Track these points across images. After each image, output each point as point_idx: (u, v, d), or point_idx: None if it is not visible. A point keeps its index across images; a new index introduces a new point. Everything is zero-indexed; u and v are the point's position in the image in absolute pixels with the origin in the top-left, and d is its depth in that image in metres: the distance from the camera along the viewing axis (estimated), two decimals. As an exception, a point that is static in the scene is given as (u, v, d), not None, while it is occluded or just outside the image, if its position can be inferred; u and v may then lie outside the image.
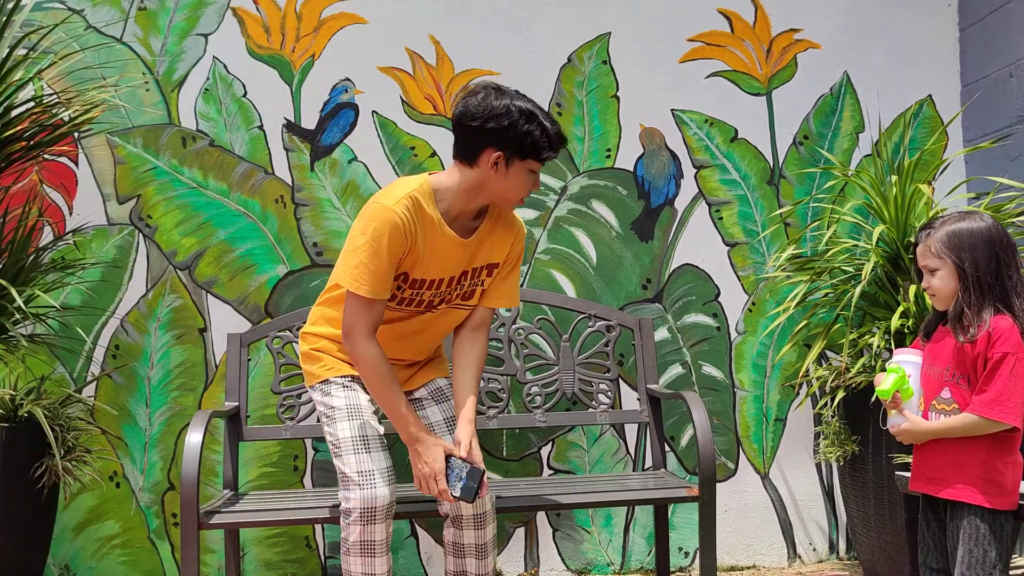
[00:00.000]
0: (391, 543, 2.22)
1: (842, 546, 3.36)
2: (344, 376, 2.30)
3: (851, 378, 2.88)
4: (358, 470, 2.15)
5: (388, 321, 2.25)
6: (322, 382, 2.30)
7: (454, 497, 2.11)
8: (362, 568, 2.15)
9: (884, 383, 2.08)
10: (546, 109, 2.36)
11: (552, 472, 3.24)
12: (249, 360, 3.02)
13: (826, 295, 3.15)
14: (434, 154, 3.25)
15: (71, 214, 3.11)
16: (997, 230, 2.04)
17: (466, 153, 2.13)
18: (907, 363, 2.11)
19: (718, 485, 3.26)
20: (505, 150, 2.09)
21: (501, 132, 2.08)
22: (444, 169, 3.24)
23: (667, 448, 3.25)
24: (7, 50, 2.75)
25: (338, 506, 2.25)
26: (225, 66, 3.18)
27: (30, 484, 2.63)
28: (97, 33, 3.14)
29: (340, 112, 3.23)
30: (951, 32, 3.55)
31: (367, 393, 2.29)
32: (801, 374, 3.27)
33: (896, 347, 2.84)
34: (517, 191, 2.16)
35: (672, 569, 3.22)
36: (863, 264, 2.96)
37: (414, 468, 2.16)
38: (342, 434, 2.20)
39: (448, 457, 2.14)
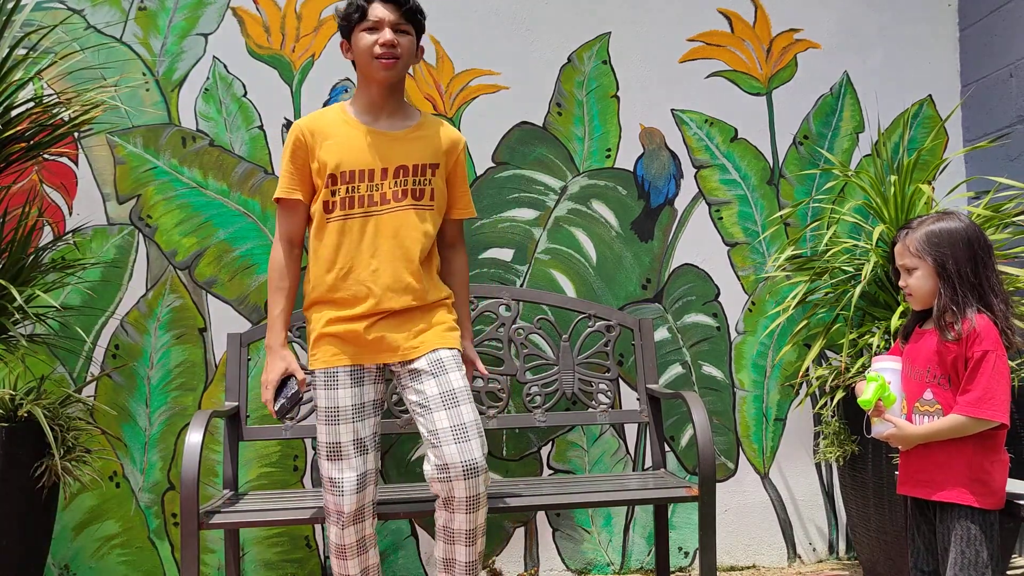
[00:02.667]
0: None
1: (842, 546, 3.36)
2: (327, 369, 2.32)
3: (851, 378, 2.88)
4: (328, 476, 2.27)
5: (349, 233, 2.33)
6: (311, 372, 2.37)
7: (273, 411, 2.29)
8: (337, 569, 2.32)
9: (865, 393, 2.09)
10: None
11: (552, 472, 3.24)
12: (249, 360, 3.02)
13: (826, 295, 3.15)
14: (434, 154, 3.25)
15: (71, 214, 3.11)
16: (975, 230, 2.07)
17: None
18: (886, 370, 2.12)
19: (718, 485, 3.26)
20: (346, 38, 2.40)
21: (340, 29, 2.41)
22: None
23: (667, 448, 3.25)
24: (7, 50, 2.75)
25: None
26: (225, 66, 3.18)
27: (30, 484, 2.63)
28: (97, 33, 3.14)
29: (340, 112, 3.23)
30: (951, 32, 3.55)
31: (352, 386, 2.32)
32: (801, 374, 3.27)
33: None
34: (366, 52, 2.33)
35: (672, 569, 3.22)
36: (863, 264, 2.96)
37: (263, 377, 2.36)
38: (320, 437, 2.30)
39: (289, 377, 2.33)
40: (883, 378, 2.09)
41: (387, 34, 2.30)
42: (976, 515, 1.98)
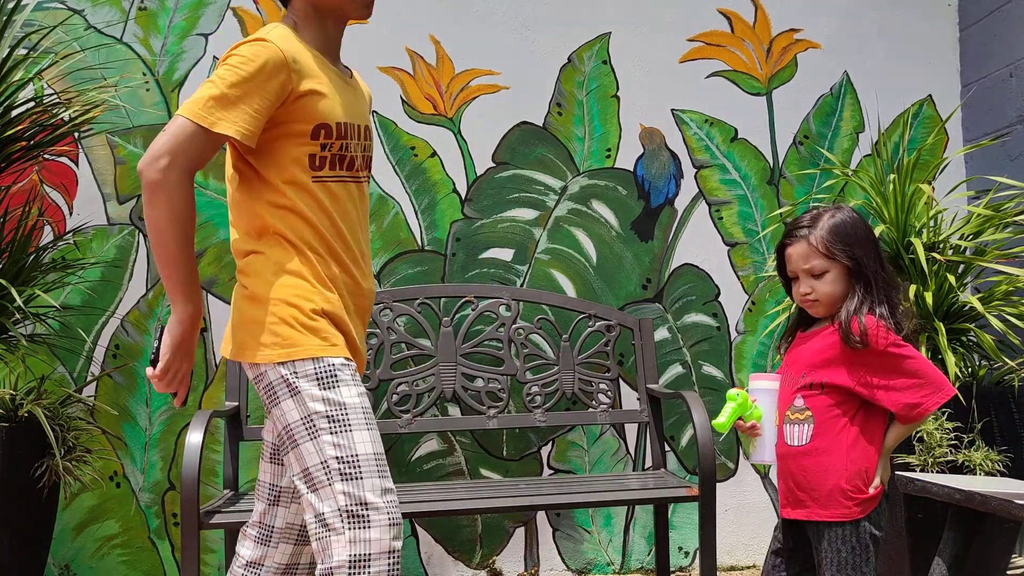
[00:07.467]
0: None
1: (842, 546, 3.36)
2: (349, 360, 1.69)
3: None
4: (385, 499, 1.61)
5: (342, 200, 1.75)
6: (315, 360, 1.64)
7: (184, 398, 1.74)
8: None
9: (720, 415, 1.85)
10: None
11: (552, 472, 3.24)
12: (249, 360, 3.02)
13: (826, 295, 3.15)
14: (434, 154, 3.25)
15: (71, 214, 3.11)
16: (866, 221, 1.90)
17: None
18: (760, 391, 1.90)
19: (718, 485, 3.26)
20: None
21: None
22: (444, 169, 3.25)
23: (667, 448, 3.25)
24: (8, 50, 2.75)
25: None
26: (225, 66, 3.18)
27: (30, 484, 2.63)
28: (97, 33, 3.14)
29: (340, 112, 3.23)
30: (951, 32, 3.55)
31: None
32: (801, 374, 3.27)
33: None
34: None
35: (672, 569, 3.22)
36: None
37: (174, 354, 1.66)
38: (362, 448, 1.62)
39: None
40: (744, 396, 1.86)
41: None
42: None
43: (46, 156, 3.05)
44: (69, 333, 3.04)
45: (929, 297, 2.75)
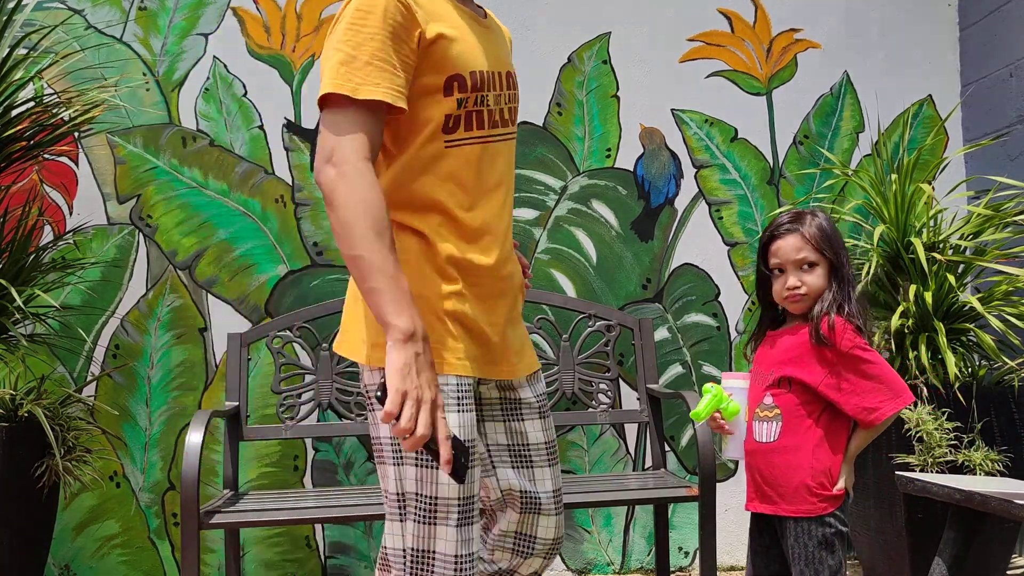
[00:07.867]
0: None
1: (842, 546, 3.36)
2: (462, 378, 1.45)
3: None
4: (458, 552, 1.41)
5: (477, 167, 1.50)
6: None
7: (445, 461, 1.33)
8: None
9: (699, 404, 1.90)
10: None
11: (552, 472, 3.24)
12: (249, 360, 3.02)
13: (826, 295, 3.15)
14: (434, 154, 3.25)
15: (71, 214, 3.11)
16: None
17: None
18: (732, 388, 1.96)
19: (718, 485, 3.26)
20: None
21: None
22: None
23: (667, 448, 3.26)
24: (8, 50, 2.75)
25: (339, 506, 2.22)
26: (225, 66, 3.18)
27: (30, 484, 2.63)
28: (97, 33, 3.15)
29: (340, 112, 3.22)
30: (951, 32, 3.55)
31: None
32: (801, 374, 3.27)
33: (896, 347, 2.84)
34: None
35: (672, 569, 3.22)
36: (863, 264, 2.96)
37: (404, 380, 1.28)
38: (444, 491, 1.41)
39: None
40: (720, 389, 1.92)
41: None
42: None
43: (46, 156, 3.05)
44: (69, 333, 3.04)
45: (929, 297, 2.75)
